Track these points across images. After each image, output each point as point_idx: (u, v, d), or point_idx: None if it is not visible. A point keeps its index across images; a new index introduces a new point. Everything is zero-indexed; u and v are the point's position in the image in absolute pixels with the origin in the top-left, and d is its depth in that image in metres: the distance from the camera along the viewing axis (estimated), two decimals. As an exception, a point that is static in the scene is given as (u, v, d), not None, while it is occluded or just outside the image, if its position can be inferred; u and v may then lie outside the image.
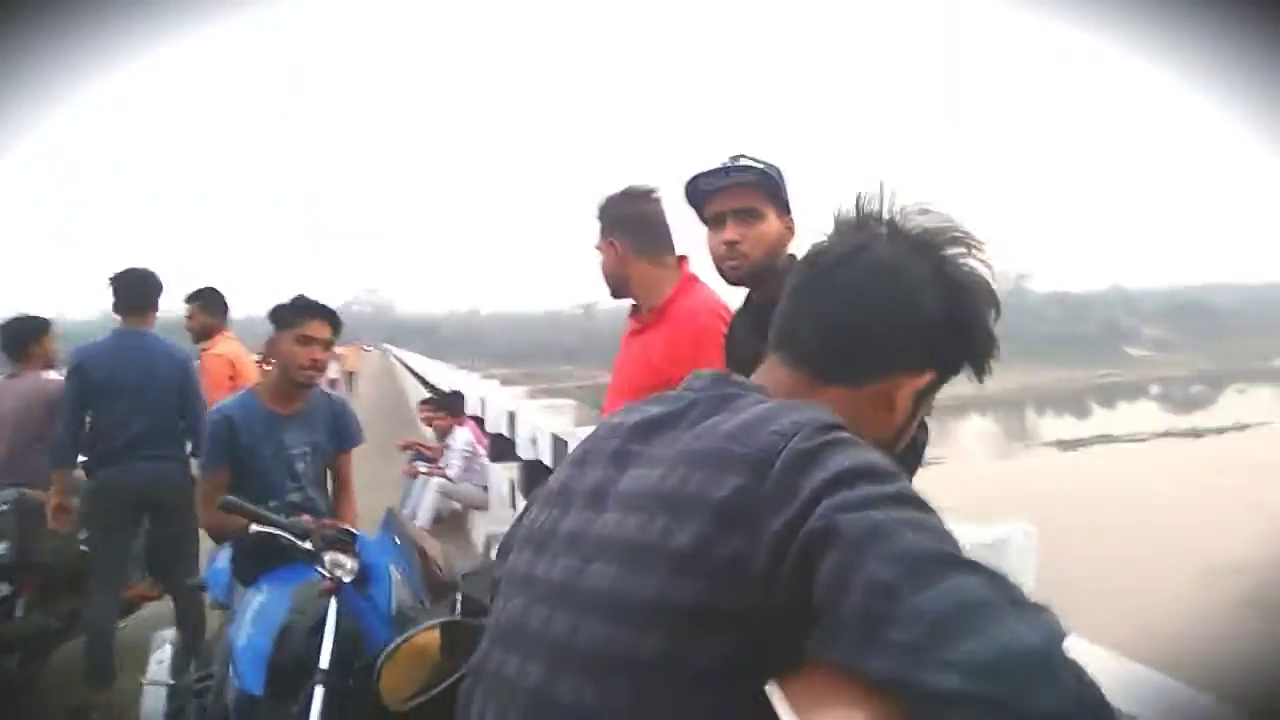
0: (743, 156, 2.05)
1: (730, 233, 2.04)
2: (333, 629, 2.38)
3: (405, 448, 7.75)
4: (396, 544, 2.59)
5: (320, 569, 2.47)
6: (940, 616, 0.66)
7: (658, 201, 2.61)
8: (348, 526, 2.66)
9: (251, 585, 2.78)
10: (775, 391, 0.96)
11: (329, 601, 2.42)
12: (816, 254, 1.04)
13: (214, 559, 3.29)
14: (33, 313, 4.81)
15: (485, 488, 7.14)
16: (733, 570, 0.79)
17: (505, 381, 9.83)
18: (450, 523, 7.28)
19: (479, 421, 7.93)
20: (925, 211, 1.02)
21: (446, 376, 13.19)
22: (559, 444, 4.67)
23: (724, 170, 2.03)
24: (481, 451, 7.36)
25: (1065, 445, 27.69)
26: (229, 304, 5.26)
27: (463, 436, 7.35)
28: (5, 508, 4.12)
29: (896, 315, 0.98)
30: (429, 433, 8.85)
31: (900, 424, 1.02)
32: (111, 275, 4.30)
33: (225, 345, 5.09)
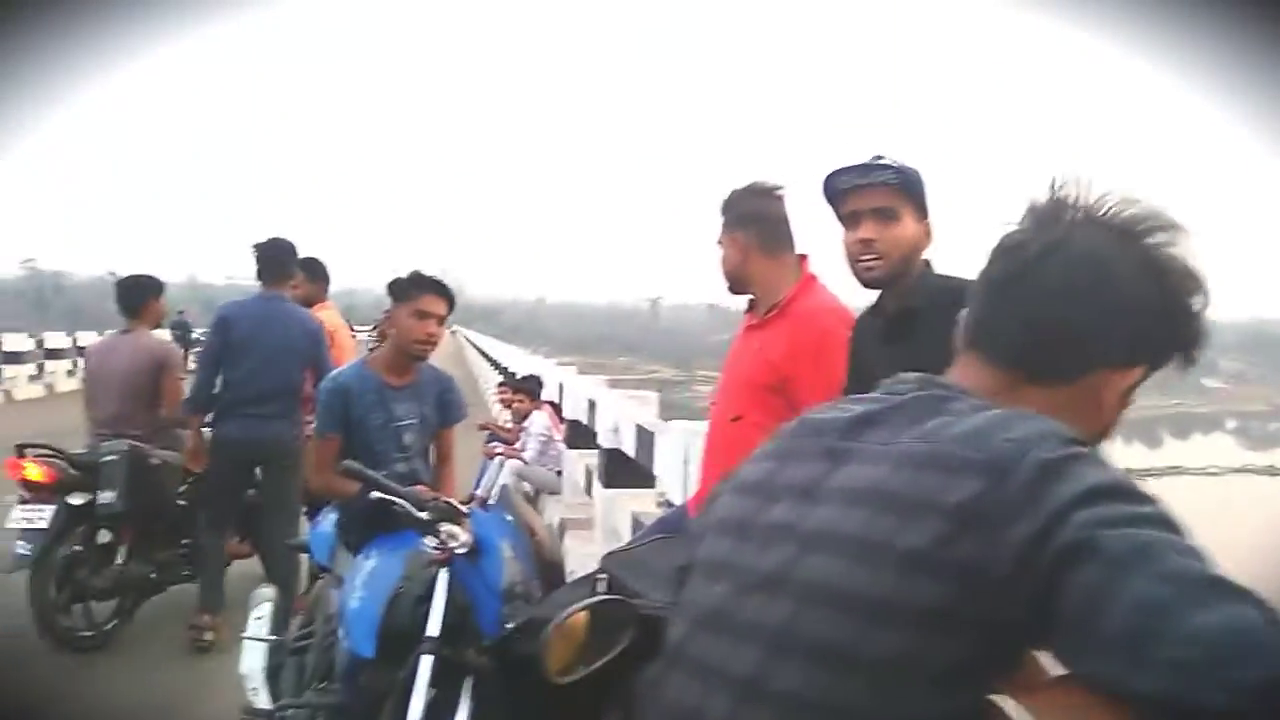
0: (882, 157, 2.05)
1: (866, 231, 2.03)
2: (443, 599, 2.44)
3: (483, 428, 7.85)
4: (508, 520, 2.63)
5: (433, 539, 2.53)
6: (1216, 639, 0.67)
7: (781, 199, 2.61)
8: (455, 501, 2.71)
9: (360, 551, 2.86)
10: (978, 393, 0.96)
11: (439, 571, 2.48)
12: (1013, 246, 1.01)
13: (317, 522, 3.39)
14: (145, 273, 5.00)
15: (559, 472, 7.20)
16: (972, 574, 0.79)
17: (570, 369, 9.90)
18: (520, 502, 7.36)
19: (555, 407, 8.00)
20: (1124, 199, 0.99)
21: (520, 360, 13.32)
22: (644, 435, 4.70)
23: (863, 168, 2.02)
24: (557, 436, 7.43)
25: (1135, 474, 26.92)
26: (329, 275, 5.40)
27: (540, 420, 7.42)
28: (115, 458, 4.28)
29: (1105, 308, 0.95)
30: (505, 415, 8.96)
31: (1107, 422, 1.00)
32: (254, 244, 4.61)
33: (324, 315, 5.21)
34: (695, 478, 3.39)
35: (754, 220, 2.55)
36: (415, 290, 3.15)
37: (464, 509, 2.60)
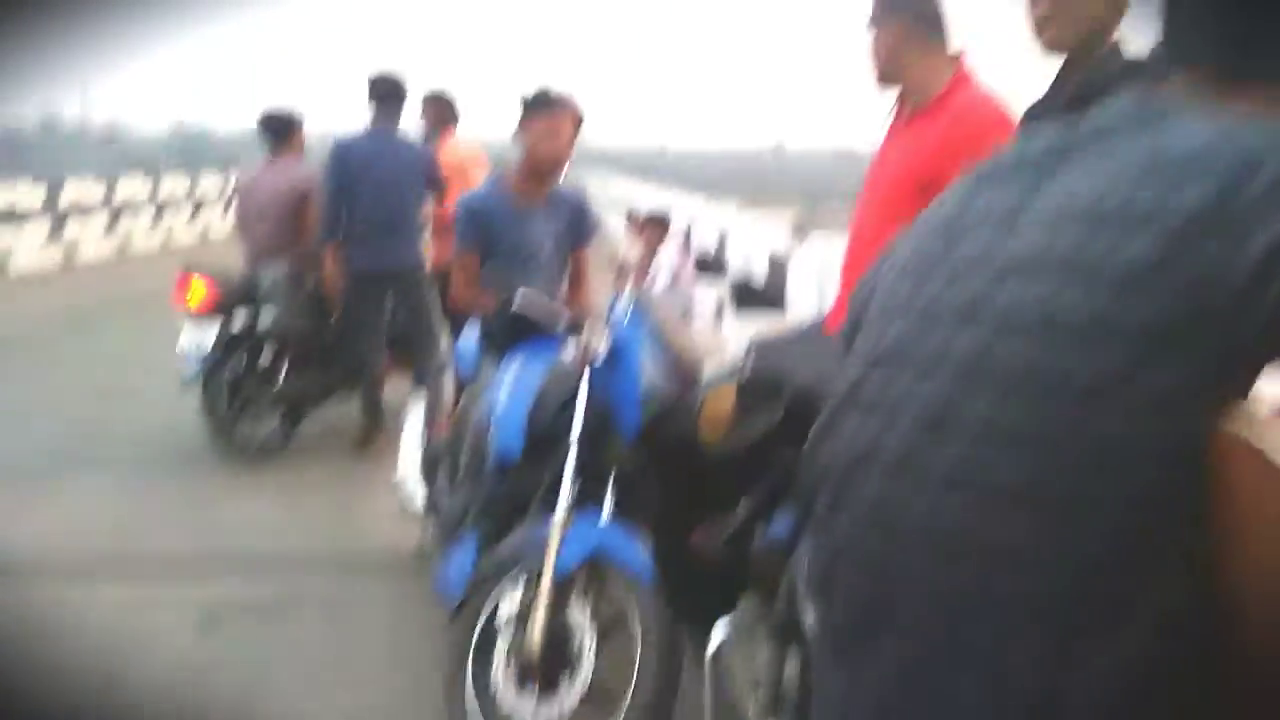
0: None
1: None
2: (584, 402, 2.52)
3: (612, 263, 7.92)
4: (646, 327, 2.67)
5: (573, 346, 2.59)
6: None
7: None
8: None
9: (505, 358, 2.97)
10: (1193, 105, 0.87)
11: (581, 376, 2.56)
12: None
13: (461, 337, 3.53)
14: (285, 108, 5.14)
15: (690, 303, 7.23)
16: (1204, 284, 0.72)
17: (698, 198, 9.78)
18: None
19: (684, 239, 7.98)
20: None
21: (650, 195, 13.25)
22: (776, 262, 4.66)
23: None
24: (688, 267, 7.42)
25: None
26: (456, 110, 5.42)
27: (669, 251, 7.41)
28: (274, 280, 4.54)
29: None
30: (632, 249, 8.98)
31: None
32: (368, 78, 4.73)
33: (454, 147, 5.26)
34: (830, 296, 3.35)
35: (910, 7, 2.40)
36: (545, 109, 3.13)
37: (602, 317, 2.65)
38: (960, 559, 0.78)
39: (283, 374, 4.72)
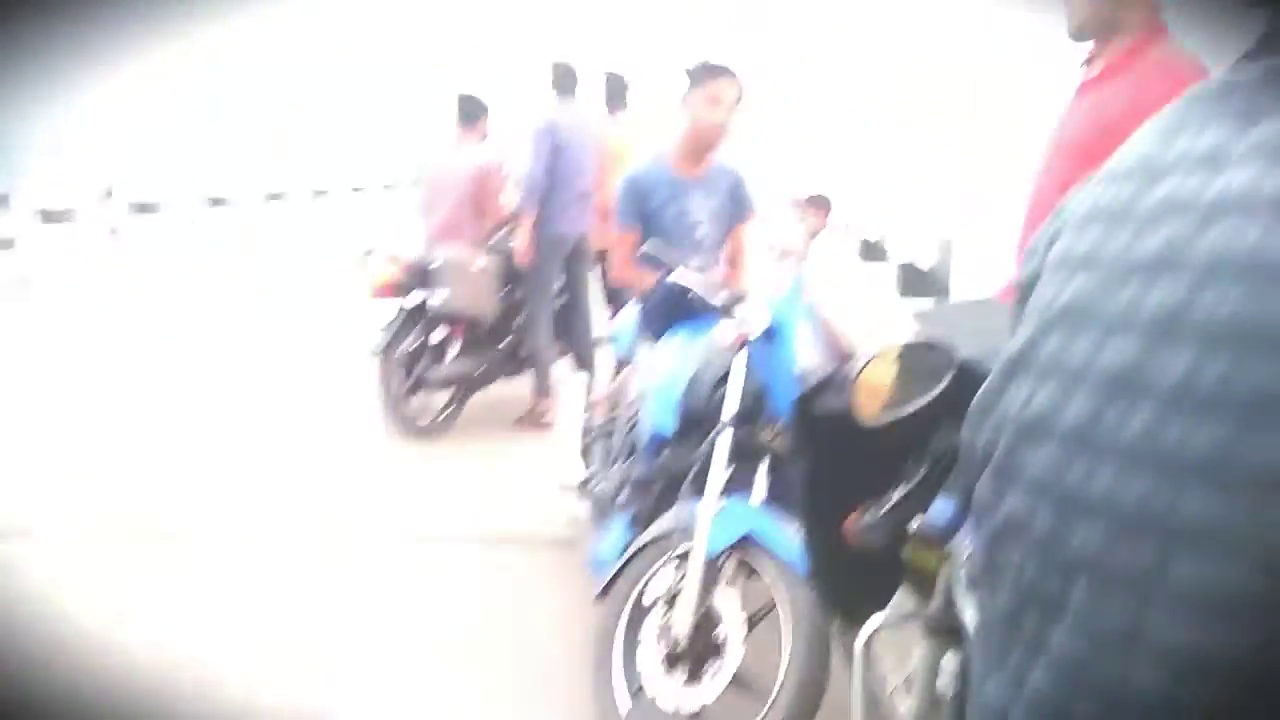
0: None
1: None
2: (739, 381, 2.47)
3: (770, 248, 7.80)
4: (803, 305, 2.59)
5: (729, 323, 2.54)
6: None
7: None
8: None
9: (661, 337, 2.96)
10: None
11: (736, 354, 2.51)
12: None
13: (619, 316, 3.54)
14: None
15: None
16: None
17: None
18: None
19: (844, 223, 7.77)
20: None
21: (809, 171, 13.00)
22: (942, 248, 4.44)
23: None
24: (848, 250, 7.23)
25: None
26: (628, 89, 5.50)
27: (830, 235, 7.24)
28: (442, 264, 4.70)
29: None
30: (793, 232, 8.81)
31: None
32: (552, 62, 5.05)
33: (619, 130, 5.31)
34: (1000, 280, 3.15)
35: None
36: (707, 76, 3.08)
37: (759, 294, 2.58)
38: (1143, 538, 0.68)
39: (453, 353, 4.88)
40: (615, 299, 4.64)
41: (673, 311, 2.91)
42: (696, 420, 2.57)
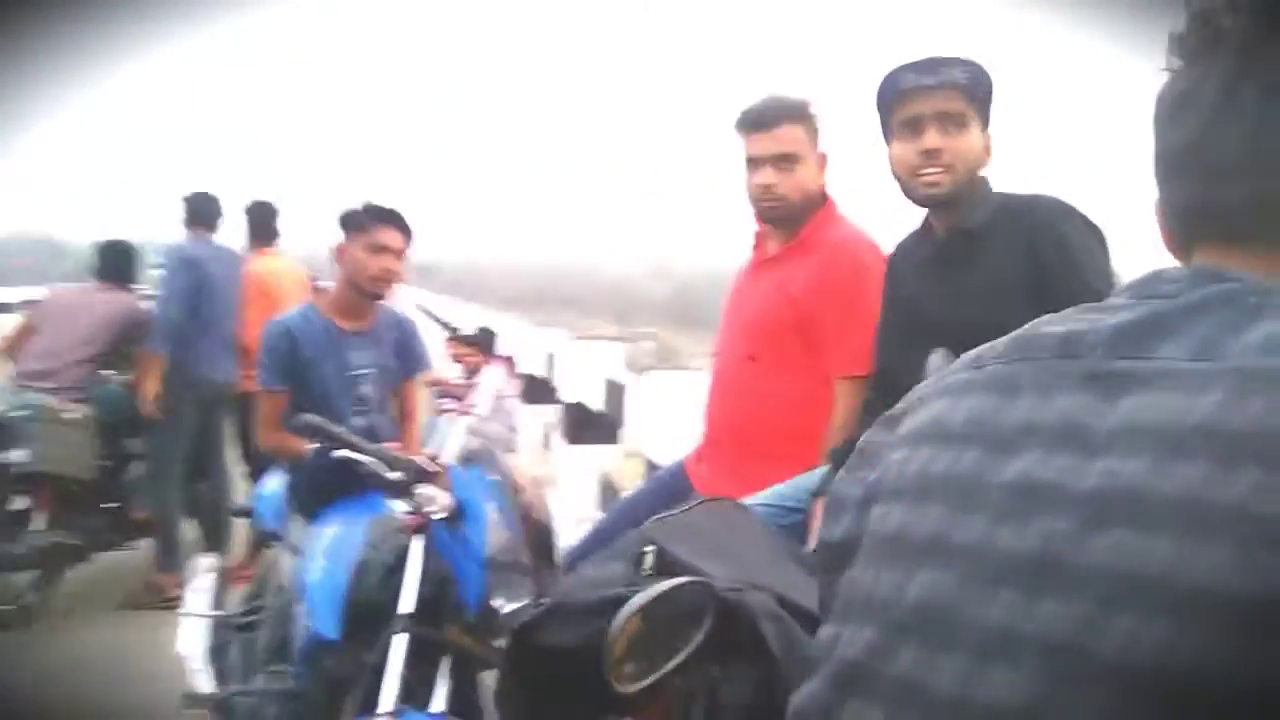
0: (953, 56, 1.76)
1: (932, 140, 1.75)
2: (418, 570, 2.14)
3: (432, 384, 7.47)
4: (491, 479, 2.33)
5: (405, 503, 2.22)
6: None
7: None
8: (428, 458, 2.38)
9: (317, 517, 2.53)
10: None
11: (413, 539, 2.18)
12: (1180, 97, 0.72)
13: (263, 484, 3.04)
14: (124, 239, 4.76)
15: (514, 429, 6.88)
16: None
17: (523, 322, 9.56)
18: (471, 461, 7.03)
19: (509, 361, 7.67)
20: None
21: (468, 315, 12.89)
22: (613, 388, 4.42)
23: (930, 64, 1.74)
24: (512, 392, 7.10)
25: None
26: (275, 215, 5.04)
27: (494, 375, 7.06)
28: (28, 413, 3.86)
29: None
30: (453, 371, 8.57)
31: None
32: (184, 195, 4.57)
33: (265, 262, 4.82)
34: (681, 430, 3.12)
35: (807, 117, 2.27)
36: (369, 221, 2.79)
37: (441, 467, 2.28)
38: None
39: (35, 524, 3.98)
40: (258, 461, 4.07)
41: (332, 486, 2.52)
42: (366, 618, 2.18)
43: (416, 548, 2.15)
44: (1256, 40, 0.67)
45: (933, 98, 1.74)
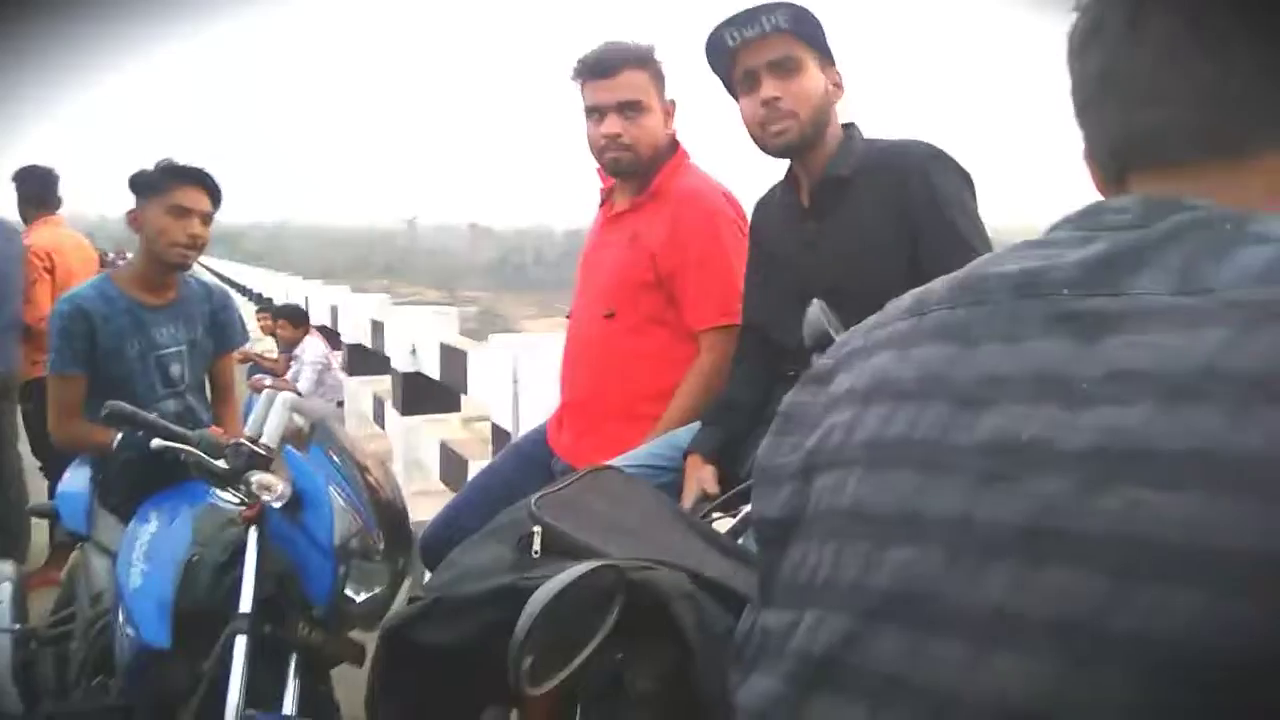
0: (767, 2, 1.70)
1: (769, 89, 1.70)
2: (254, 565, 1.94)
3: (243, 360, 6.98)
4: (333, 460, 2.14)
5: (232, 493, 2.01)
6: None
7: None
8: (257, 441, 2.17)
9: (133, 515, 2.27)
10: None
11: (248, 531, 1.98)
12: (1089, 25, 0.69)
13: (65, 481, 2.71)
14: None
15: (340, 403, 6.55)
16: None
17: (342, 289, 9.13)
18: (296, 443, 6.64)
19: (326, 331, 7.27)
20: None
21: (275, 283, 12.17)
22: (451, 354, 4.23)
23: (748, 15, 1.68)
24: (334, 364, 6.74)
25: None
26: (53, 182, 4.45)
27: (314, 347, 6.67)
28: None
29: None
30: (265, 344, 8.06)
31: None
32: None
33: (44, 233, 4.30)
34: (536, 397, 3.01)
35: (652, 62, 2.18)
36: (169, 181, 2.50)
37: (273, 451, 2.08)
38: None
39: None
40: (52, 456, 3.65)
41: (148, 479, 2.27)
42: (199, 621, 1.97)
43: (252, 540, 1.96)
44: None
45: (760, 48, 1.69)
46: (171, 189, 2.49)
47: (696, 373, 2.06)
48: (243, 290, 15.82)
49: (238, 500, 2.02)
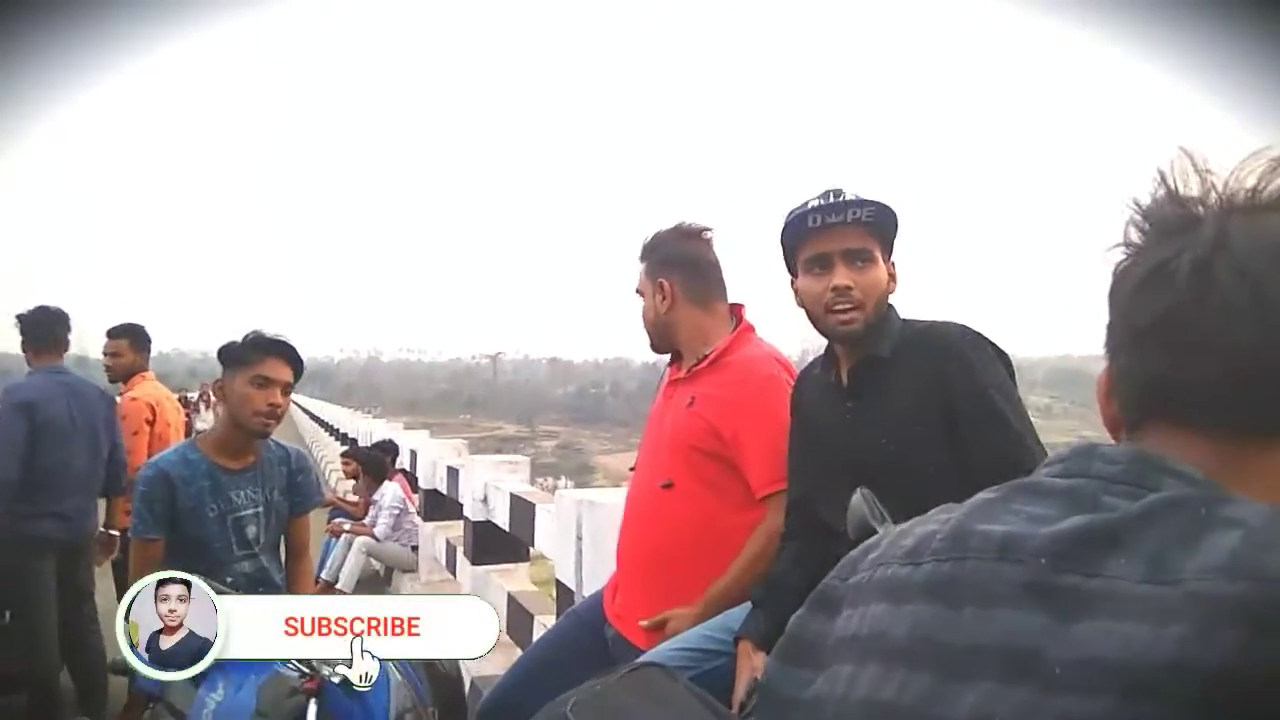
0: (842, 192, 1.77)
1: (842, 276, 1.74)
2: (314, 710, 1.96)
3: (327, 504, 7.16)
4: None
5: (296, 664, 2.04)
6: None
7: (710, 242, 2.33)
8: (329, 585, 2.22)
9: (204, 680, 2.32)
10: (1209, 473, 0.64)
11: (308, 703, 2.00)
12: (1152, 273, 0.70)
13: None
14: None
15: (415, 548, 6.61)
16: None
17: (422, 434, 9.35)
18: (371, 585, 6.72)
19: (407, 476, 7.41)
20: (1269, 164, 0.69)
21: (360, 425, 12.51)
22: (520, 505, 4.28)
23: (839, 205, 1.74)
24: (411, 509, 6.84)
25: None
26: (148, 342, 4.72)
27: (391, 492, 6.81)
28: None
29: None
30: (347, 487, 8.25)
31: None
32: (20, 314, 3.95)
33: (146, 388, 4.55)
34: (598, 553, 3.02)
35: (681, 264, 2.26)
36: (255, 354, 2.66)
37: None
38: None
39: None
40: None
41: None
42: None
43: (312, 713, 1.98)
44: (1232, 220, 0.66)
45: (840, 235, 1.74)
46: (256, 361, 2.64)
47: (761, 535, 2.05)
48: (330, 429, 16.29)
49: (301, 671, 2.06)
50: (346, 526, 6.73)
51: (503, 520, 4.52)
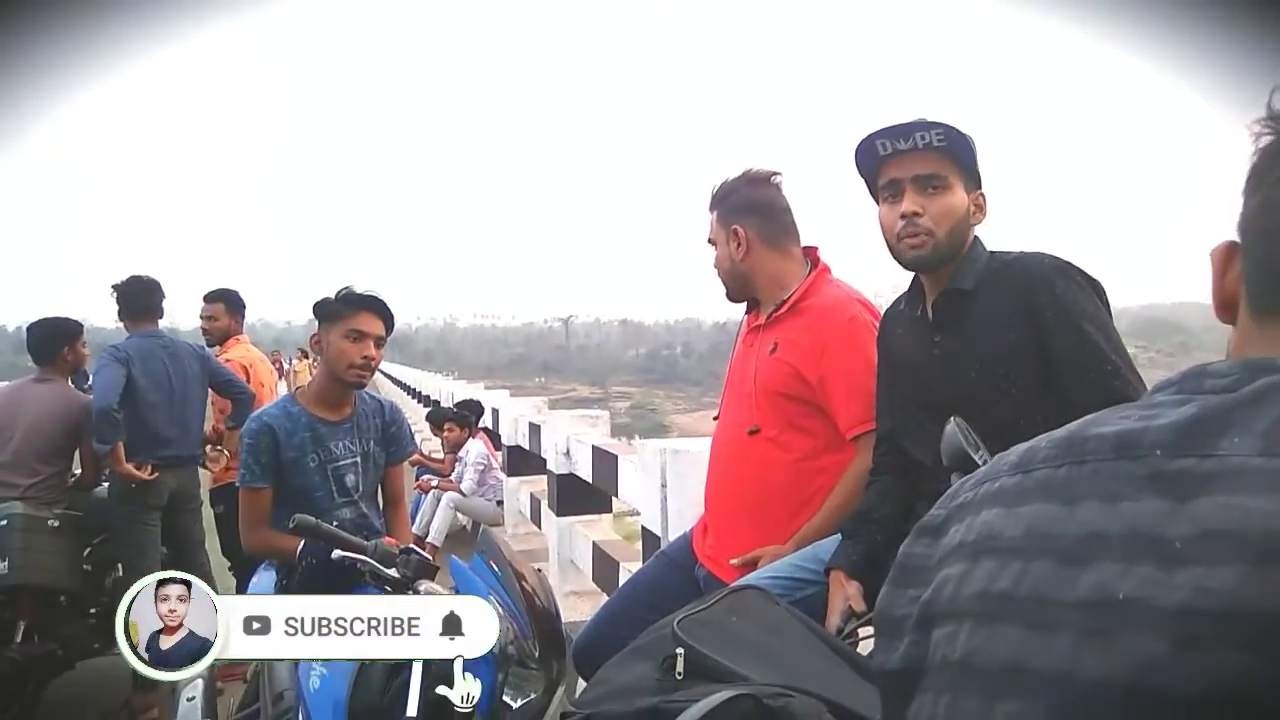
0: (924, 120, 1.76)
1: (910, 203, 1.73)
2: (419, 670, 2.05)
3: (414, 462, 7.37)
4: (494, 570, 2.25)
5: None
6: None
7: (779, 186, 2.32)
8: (424, 550, 2.32)
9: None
10: None
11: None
12: None
13: (252, 584, 2.94)
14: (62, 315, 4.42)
15: (500, 502, 6.79)
16: None
17: (503, 393, 9.51)
18: (459, 539, 6.92)
19: (489, 433, 7.58)
20: None
21: (439, 386, 12.79)
22: (603, 457, 4.35)
23: (904, 128, 1.73)
24: (495, 464, 7.01)
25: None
26: (241, 306, 4.93)
27: (476, 449, 6.99)
28: (3, 523, 3.73)
29: None
30: (433, 446, 8.48)
31: None
32: (115, 284, 4.26)
33: (240, 350, 4.76)
34: (684, 499, 3.07)
35: (753, 210, 2.26)
36: (348, 309, 2.76)
37: (441, 561, 2.22)
38: None
39: (20, 635, 3.82)
40: (240, 556, 3.96)
41: (329, 584, 2.44)
42: (368, 722, 2.09)
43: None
44: None
45: (909, 161, 1.73)
46: (349, 316, 2.74)
47: (852, 475, 2.07)
48: (414, 393, 16.68)
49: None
50: (434, 483, 6.93)
51: (585, 473, 4.61)
